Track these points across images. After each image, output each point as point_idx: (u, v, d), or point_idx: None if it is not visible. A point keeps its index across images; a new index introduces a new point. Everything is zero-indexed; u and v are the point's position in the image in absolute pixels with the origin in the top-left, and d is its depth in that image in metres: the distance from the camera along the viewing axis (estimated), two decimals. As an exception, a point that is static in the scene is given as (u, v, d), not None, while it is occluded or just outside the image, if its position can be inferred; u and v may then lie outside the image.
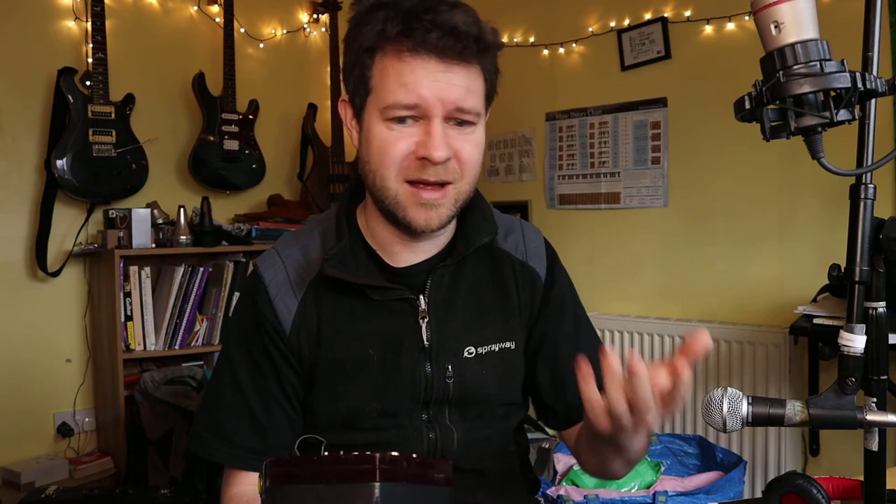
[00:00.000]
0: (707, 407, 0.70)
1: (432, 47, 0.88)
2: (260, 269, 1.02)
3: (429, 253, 1.02)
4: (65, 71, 2.62)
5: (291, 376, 1.00)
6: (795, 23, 0.64)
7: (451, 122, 0.92)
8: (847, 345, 0.68)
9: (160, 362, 2.76)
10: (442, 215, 0.94)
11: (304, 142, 3.30)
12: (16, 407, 2.63)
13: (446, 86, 0.89)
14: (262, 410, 1.00)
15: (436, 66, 0.89)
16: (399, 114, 0.90)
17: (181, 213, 2.70)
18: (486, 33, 0.92)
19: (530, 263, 1.08)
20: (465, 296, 1.03)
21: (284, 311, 0.99)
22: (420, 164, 0.91)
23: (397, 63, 0.89)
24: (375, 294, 0.98)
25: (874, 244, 0.69)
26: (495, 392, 1.04)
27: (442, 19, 0.87)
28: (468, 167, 0.94)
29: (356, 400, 0.99)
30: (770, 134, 0.67)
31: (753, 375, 2.44)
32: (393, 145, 0.91)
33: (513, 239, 1.09)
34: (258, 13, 3.24)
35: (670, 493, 2.02)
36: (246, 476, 1.00)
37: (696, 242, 2.70)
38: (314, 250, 1.02)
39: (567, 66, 3.07)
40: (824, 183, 2.23)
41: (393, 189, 0.93)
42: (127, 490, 2.03)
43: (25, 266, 2.68)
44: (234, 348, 1.03)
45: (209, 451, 1.00)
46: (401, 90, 0.89)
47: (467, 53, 0.90)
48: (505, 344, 1.04)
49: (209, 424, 1.01)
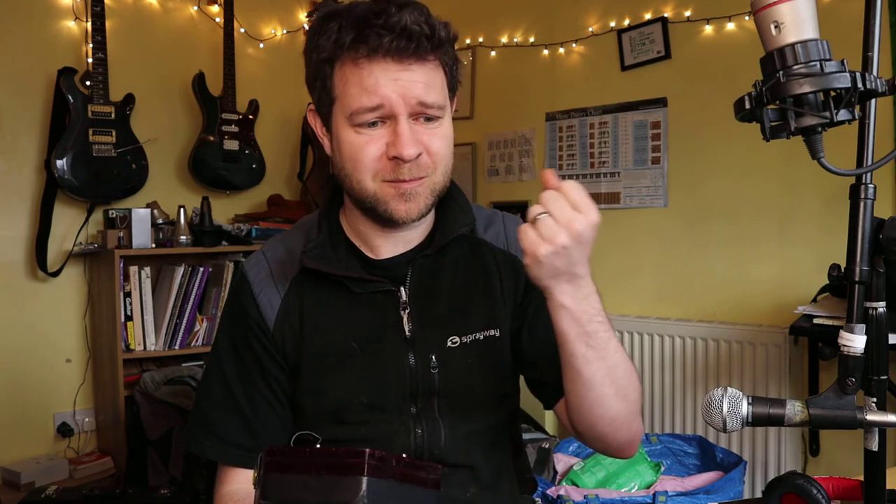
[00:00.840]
0: (707, 407, 0.70)
1: (387, 51, 0.89)
2: (245, 267, 1.05)
3: (409, 245, 1.03)
4: (65, 71, 2.62)
5: (277, 372, 1.01)
6: (795, 23, 0.64)
7: (417, 119, 0.93)
8: (847, 345, 0.68)
9: (160, 362, 2.76)
10: (420, 205, 0.96)
11: (304, 142, 3.30)
12: (16, 407, 2.63)
13: (407, 84, 0.90)
14: (250, 407, 1.01)
15: (393, 66, 0.90)
16: (365, 118, 0.91)
17: (181, 213, 2.70)
18: (438, 28, 0.93)
19: (511, 251, 1.08)
20: (447, 286, 1.04)
21: (268, 307, 1.01)
22: (393, 164, 0.92)
23: (356, 70, 0.91)
24: (356, 287, 0.99)
25: (874, 244, 0.69)
26: (482, 382, 1.04)
27: (392, 22, 0.88)
28: (439, 159, 0.96)
29: (342, 393, 0.99)
30: (770, 134, 0.67)
31: (753, 375, 2.44)
32: (363, 150, 0.93)
33: (493, 230, 1.10)
34: (258, 13, 3.24)
35: (670, 493, 2.02)
36: (237, 473, 1.01)
37: (696, 242, 2.70)
38: (297, 247, 1.03)
39: (567, 66, 3.07)
40: (824, 183, 2.24)
41: (371, 189, 0.94)
42: (127, 490, 2.03)
43: (25, 266, 2.68)
44: (221, 346, 1.04)
45: (200, 447, 1.02)
46: (363, 95, 0.90)
47: (422, 51, 0.91)
48: (490, 332, 1.04)
49: (200, 421, 1.03)
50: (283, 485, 0.64)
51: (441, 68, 0.95)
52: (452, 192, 1.05)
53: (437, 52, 0.93)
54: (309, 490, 0.63)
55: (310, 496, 0.63)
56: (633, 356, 2.74)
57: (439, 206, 1.04)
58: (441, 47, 0.94)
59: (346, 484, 0.62)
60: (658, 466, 2.23)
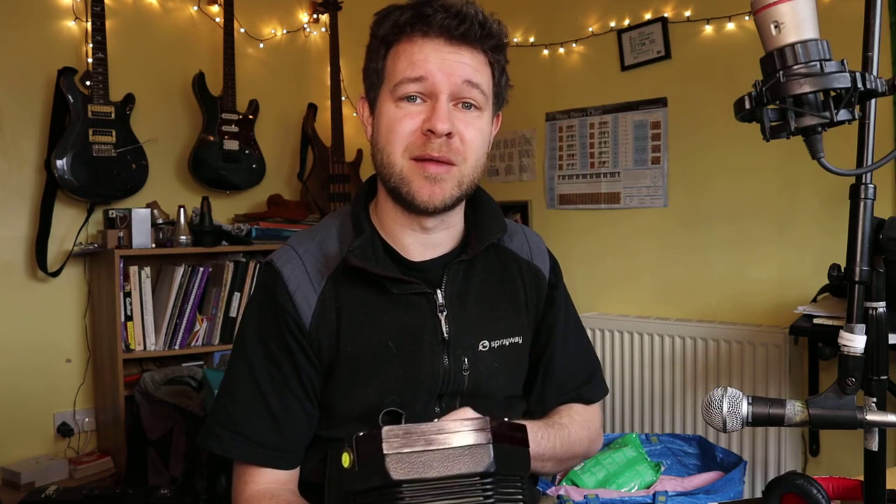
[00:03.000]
0: (707, 407, 0.70)
1: (439, 27, 0.94)
2: (277, 265, 1.02)
3: (442, 249, 1.06)
4: (65, 71, 2.62)
5: (310, 370, 1.01)
6: (795, 23, 0.64)
7: (457, 105, 0.97)
8: (847, 345, 0.68)
9: (160, 362, 2.76)
10: (445, 192, 0.97)
11: (304, 142, 3.30)
12: (16, 407, 2.63)
13: (454, 64, 0.95)
14: (280, 406, 1.00)
15: (444, 46, 0.95)
16: (407, 89, 0.95)
17: (181, 213, 2.70)
18: (491, 21, 0.98)
19: (535, 263, 1.13)
20: (477, 292, 1.06)
21: (304, 305, 1.00)
22: (424, 138, 0.95)
23: (409, 47, 0.96)
24: (394, 287, 1.00)
25: (874, 244, 0.69)
26: (503, 385, 1.07)
27: (449, 4, 0.95)
28: (471, 149, 0.98)
29: (376, 393, 0.99)
30: (770, 134, 0.67)
31: (753, 375, 2.44)
32: (400, 122, 0.96)
33: (518, 240, 1.14)
34: (258, 13, 3.24)
35: (670, 493, 2.01)
36: (264, 473, 1.00)
37: (696, 242, 2.70)
38: (331, 245, 1.04)
39: (567, 66, 3.07)
40: (824, 183, 2.24)
41: (399, 165, 0.97)
42: (127, 490, 2.03)
43: (25, 266, 2.68)
44: (250, 344, 1.02)
45: (226, 447, 1.00)
46: (409, 67, 0.95)
47: (472, 36, 0.95)
48: (514, 339, 1.08)
49: (225, 421, 1.00)
50: (409, 464, 0.64)
51: (489, 67, 1.00)
52: (484, 198, 1.10)
53: (487, 44, 0.98)
54: (438, 464, 0.63)
55: (439, 469, 0.63)
56: (633, 356, 2.75)
57: (472, 212, 1.08)
58: (490, 39, 0.98)
59: (474, 454, 0.63)
60: (658, 466, 2.23)
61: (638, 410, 2.75)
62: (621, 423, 2.80)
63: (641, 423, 2.74)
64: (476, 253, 1.05)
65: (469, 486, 0.63)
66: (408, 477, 0.63)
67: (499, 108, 1.06)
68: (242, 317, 1.07)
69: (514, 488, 0.67)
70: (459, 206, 1.04)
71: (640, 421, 2.75)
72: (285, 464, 1.01)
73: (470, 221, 1.08)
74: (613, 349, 2.80)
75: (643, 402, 2.74)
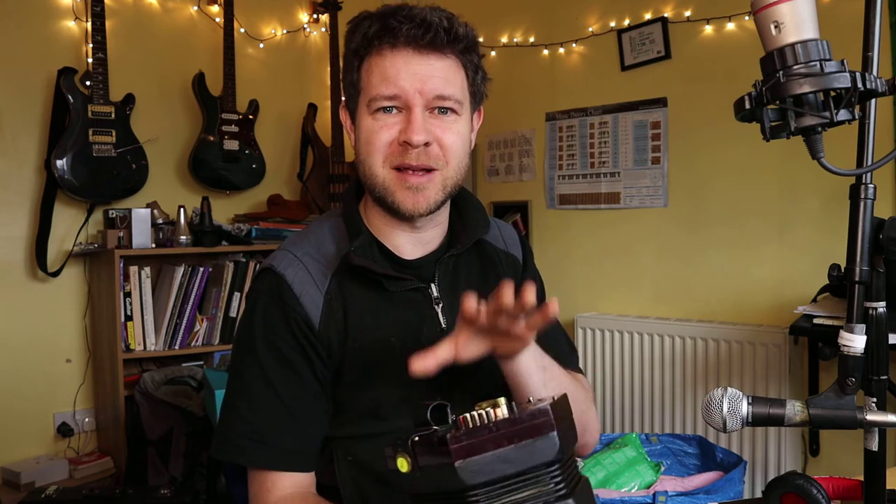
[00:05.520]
0: (707, 407, 0.70)
1: (405, 39, 0.96)
2: (279, 269, 1.02)
3: (432, 246, 1.08)
4: (65, 71, 2.62)
5: (323, 368, 1.02)
6: (795, 23, 0.64)
7: (433, 111, 0.99)
8: (847, 345, 0.68)
9: (160, 362, 2.76)
10: (429, 199, 1.00)
11: (304, 142, 3.30)
12: (16, 407, 2.63)
13: (424, 76, 0.97)
14: (299, 406, 1.00)
15: (413, 57, 0.97)
16: (382, 104, 0.98)
17: (181, 213, 2.70)
18: (457, 25, 0.99)
19: (511, 251, 1.18)
20: (465, 284, 1.08)
21: (312, 307, 1.01)
22: (402, 149, 0.98)
23: (379, 60, 0.98)
24: (391, 286, 1.02)
25: (874, 244, 0.69)
26: (491, 373, 1.06)
27: (413, 13, 0.96)
28: (451, 154, 1.01)
29: (382, 388, 1.01)
30: (770, 134, 0.67)
31: (753, 375, 2.44)
32: (378, 134, 0.99)
33: (493, 232, 1.18)
34: (258, 13, 3.24)
35: (670, 493, 2.01)
36: (286, 478, 0.99)
37: (696, 242, 2.70)
38: (328, 246, 1.05)
39: (567, 66, 3.07)
40: (824, 183, 2.24)
41: (380, 175, 1.00)
42: (127, 490, 2.03)
43: (25, 266, 2.68)
44: (260, 350, 1.01)
45: (250, 457, 0.99)
46: (382, 83, 0.97)
47: (439, 42, 0.97)
48: None
49: (248, 431, 0.99)
50: (481, 467, 0.63)
51: (462, 69, 1.02)
52: (468, 195, 1.12)
53: (454, 47, 0.99)
54: (508, 462, 0.63)
55: (510, 467, 0.63)
56: (633, 356, 2.75)
57: (456, 208, 1.11)
58: (459, 43, 0.99)
59: (542, 444, 0.63)
60: (658, 466, 2.23)
61: (638, 410, 2.75)
62: (621, 423, 2.80)
63: (641, 423, 2.74)
64: (465, 248, 1.09)
65: (538, 477, 0.64)
66: (478, 481, 0.63)
67: (478, 105, 1.09)
68: (243, 325, 1.06)
69: (573, 466, 0.68)
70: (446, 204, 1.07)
71: (640, 421, 2.75)
72: (309, 466, 1.02)
73: (453, 217, 1.11)
74: (613, 349, 2.80)
75: (643, 402, 2.73)
